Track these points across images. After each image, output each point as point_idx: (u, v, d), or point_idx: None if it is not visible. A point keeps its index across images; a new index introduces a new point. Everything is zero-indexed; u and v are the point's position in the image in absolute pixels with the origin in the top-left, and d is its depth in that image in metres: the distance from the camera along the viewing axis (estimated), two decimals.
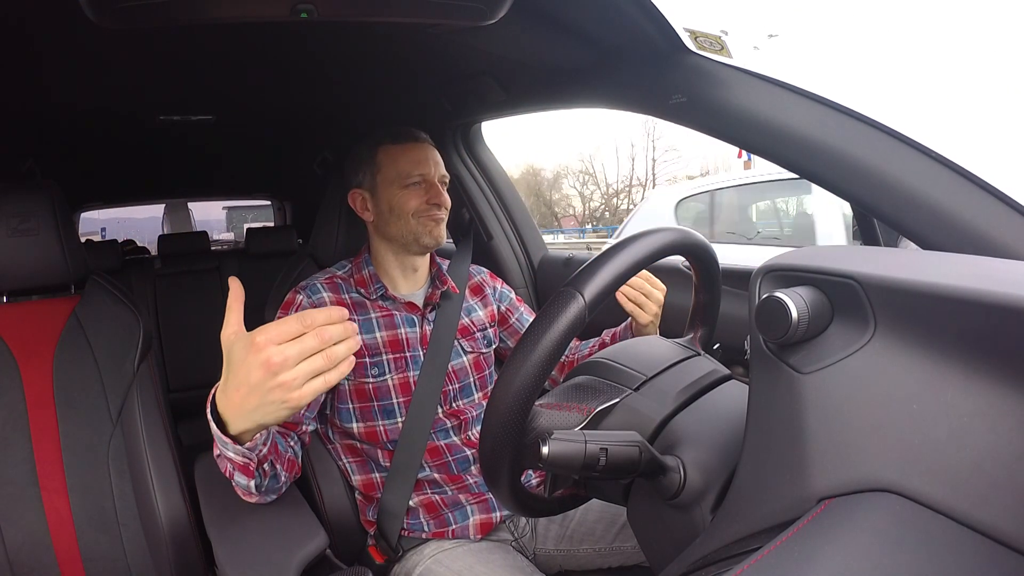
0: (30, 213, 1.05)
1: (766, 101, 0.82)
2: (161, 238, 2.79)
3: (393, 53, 1.25)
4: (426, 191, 1.07)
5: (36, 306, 1.11)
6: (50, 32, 1.02)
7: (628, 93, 1.04)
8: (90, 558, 1.02)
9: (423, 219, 1.07)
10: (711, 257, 0.70)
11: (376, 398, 1.05)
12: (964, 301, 0.40)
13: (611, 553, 1.07)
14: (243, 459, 0.75)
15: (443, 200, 1.08)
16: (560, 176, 25.25)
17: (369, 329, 1.06)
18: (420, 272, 1.14)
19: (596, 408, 0.61)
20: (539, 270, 1.71)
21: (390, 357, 1.06)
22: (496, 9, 0.81)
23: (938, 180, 0.71)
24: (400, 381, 1.06)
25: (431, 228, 1.07)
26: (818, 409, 0.45)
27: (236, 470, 0.78)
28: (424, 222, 1.07)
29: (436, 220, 1.08)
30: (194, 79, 1.41)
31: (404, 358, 1.07)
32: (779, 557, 0.40)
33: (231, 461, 0.76)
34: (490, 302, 1.22)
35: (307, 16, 0.79)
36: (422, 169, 1.08)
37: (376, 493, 1.06)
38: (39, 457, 1.03)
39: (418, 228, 1.07)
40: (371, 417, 1.05)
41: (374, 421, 1.05)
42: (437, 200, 1.07)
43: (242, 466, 0.77)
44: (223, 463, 0.78)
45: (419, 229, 1.07)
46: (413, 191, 1.07)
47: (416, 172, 1.08)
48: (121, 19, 0.74)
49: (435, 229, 1.08)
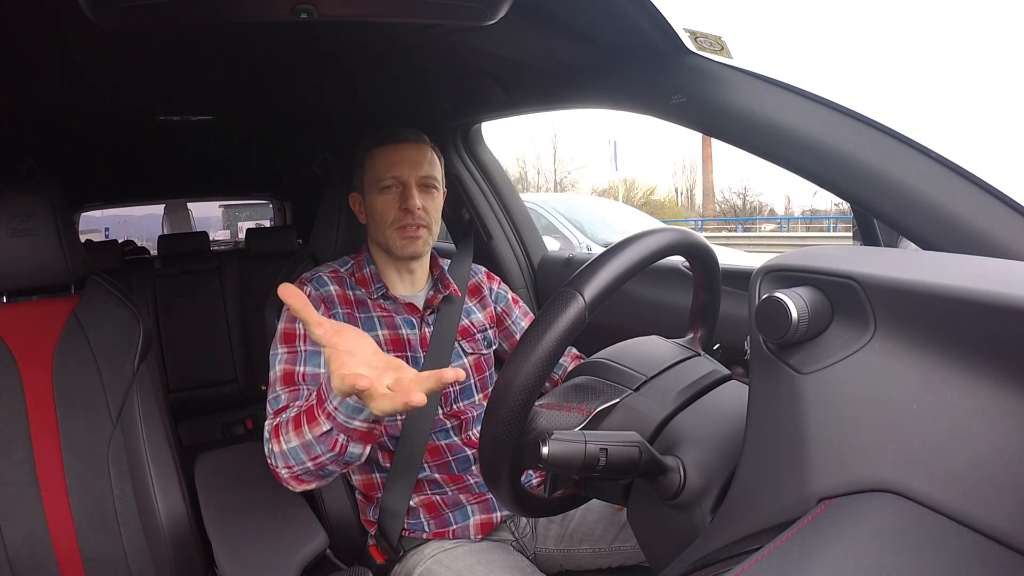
0: (30, 213, 1.05)
1: (766, 101, 0.82)
2: (161, 238, 2.79)
3: (393, 53, 1.25)
4: (400, 196, 1.04)
5: (36, 306, 1.11)
6: (50, 32, 1.02)
7: (628, 93, 1.04)
8: (90, 558, 1.02)
9: (395, 232, 1.04)
10: (711, 257, 0.70)
11: None
12: (964, 301, 0.40)
13: (611, 553, 1.07)
14: (368, 425, 0.78)
15: (412, 205, 1.02)
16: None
17: (371, 327, 1.06)
18: (417, 275, 1.12)
19: (596, 408, 0.61)
20: (539, 270, 1.71)
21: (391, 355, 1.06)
22: (496, 9, 0.81)
23: (938, 180, 0.71)
24: None
25: (404, 244, 1.04)
26: (818, 409, 0.45)
27: (353, 440, 0.79)
28: (397, 236, 1.04)
29: (408, 237, 1.04)
30: (194, 79, 1.41)
31: (405, 357, 1.06)
32: (779, 557, 0.40)
33: (353, 432, 0.78)
34: (488, 303, 1.22)
35: (307, 16, 0.79)
36: (396, 171, 1.04)
37: (376, 493, 1.06)
38: (39, 457, 1.03)
39: (392, 239, 1.05)
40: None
41: None
42: (407, 205, 1.03)
43: (364, 433, 0.79)
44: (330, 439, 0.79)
45: (393, 241, 1.05)
46: (388, 196, 1.05)
47: (389, 175, 1.04)
48: (121, 19, 0.74)
49: (408, 245, 1.04)
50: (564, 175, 26.02)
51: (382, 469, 1.06)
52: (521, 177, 25.86)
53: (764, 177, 24.79)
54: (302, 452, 0.82)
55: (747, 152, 0.86)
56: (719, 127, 0.89)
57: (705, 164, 17.88)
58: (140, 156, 2.30)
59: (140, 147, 2.15)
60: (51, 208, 1.06)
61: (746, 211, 25.41)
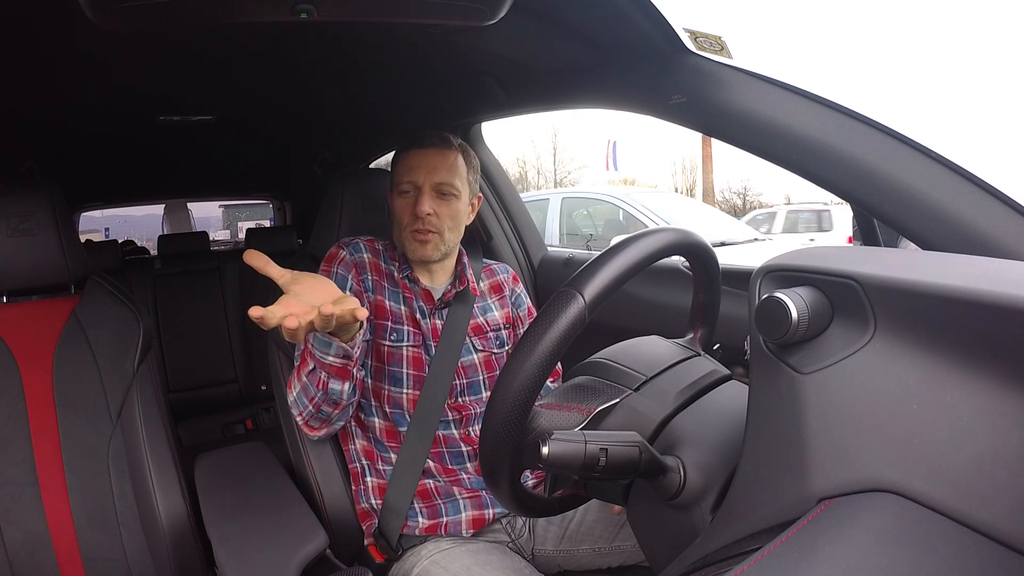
0: (30, 213, 1.05)
1: (766, 101, 0.82)
2: (161, 238, 2.79)
3: (393, 53, 1.25)
4: (414, 201, 1.07)
5: (36, 306, 1.11)
6: (50, 32, 1.02)
7: (628, 93, 1.04)
8: (90, 558, 1.02)
9: (408, 235, 1.07)
10: (711, 257, 0.69)
11: (388, 362, 1.07)
12: (964, 301, 0.40)
13: (611, 553, 1.07)
14: (341, 361, 0.88)
15: (420, 211, 1.05)
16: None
17: (396, 300, 1.10)
18: (437, 274, 1.14)
19: (596, 408, 0.61)
20: (539, 270, 1.71)
21: (410, 329, 1.09)
22: (496, 10, 0.80)
23: (938, 180, 0.71)
24: (413, 354, 1.08)
25: (414, 247, 1.08)
26: (818, 409, 0.45)
27: (332, 377, 0.90)
28: (409, 239, 1.08)
29: (420, 241, 1.07)
30: (194, 79, 1.41)
31: (421, 335, 1.09)
32: (779, 557, 0.40)
33: (329, 368, 0.89)
34: (507, 303, 1.23)
35: (307, 17, 0.79)
36: (411, 176, 1.07)
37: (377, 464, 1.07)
38: (39, 457, 1.03)
39: (405, 241, 1.09)
40: (380, 378, 1.07)
41: (381, 383, 1.07)
42: (417, 210, 1.05)
43: (340, 368, 0.89)
44: (315, 377, 0.91)
45: (406, 243, 1.09)
46: (405, 200, 1.08)
47: (406, 179, 1.08)
48: (121, 19, 0.74)
49: (418, 249, 1.07)
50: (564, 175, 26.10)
51: (387, 462, 1.06)
52: (521, 177, 25.90)
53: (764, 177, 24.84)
54: (303, 395, 0.94)
55: (747, 152, 0.86)
56: (719, 127, 0.89)
57: (705, 164, 17.87)
58: (140, 156, 2.29)
59: (140, 147, 2.15)
60: (51, 208, 1.07)
61: (746, 211, 25.43)
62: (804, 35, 25.65)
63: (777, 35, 22.28)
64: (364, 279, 1.09)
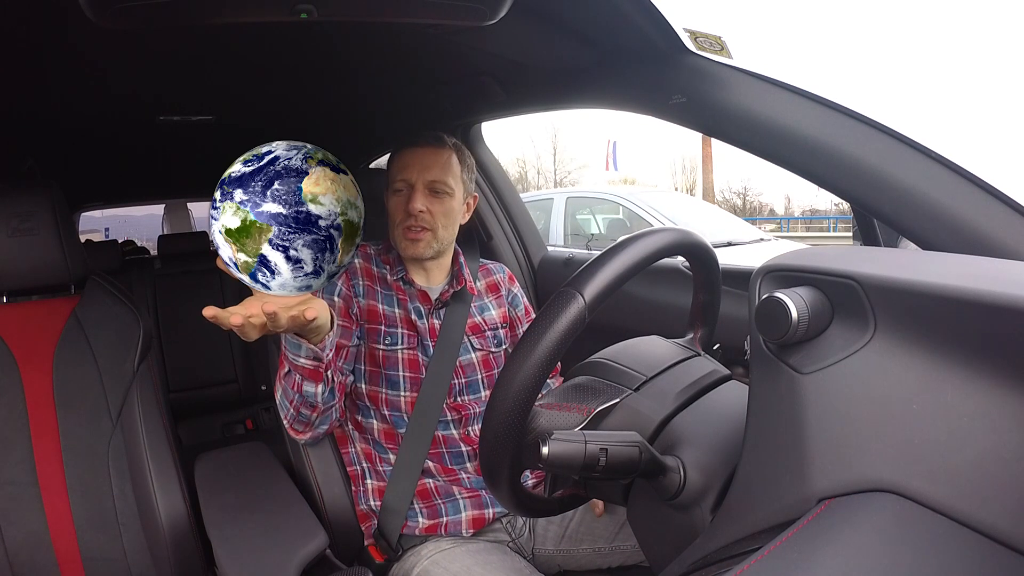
0: (30, 213, 1.05)
1: (766, 101, 0.82)
2: (161, 238, 2.79)
3: (393, 53, 1.25)
4: (406, 198, 1.08)
5: (36, 306, 1.11)
6: (50, 32, 1.02)
7: (628, 93, 1.04)
8: (90, 558, 1.02)
9: (400, 232, 1.08)
10: (711, 257, 0.69)
11: (384, 366, 1.07)
12: (964, 301, 0.40)
13: (611, 553, 1.07)
14: (312, 363, 0.87)
15: (412, 208, 1.06)
16: None
17: (390, 304, 1.10)
18: (433, 273, 1.15)
19: (596, 408, 0.61)
20: (539, 270, 1.71)
21: (404, 332, 1.09)
22: (496, 9, 0.80)
23: (938, 180, 0.71)
24: (409, 357, 1.08)
25: (406, 245, 1.08)
26: (818, 409, 0.45)
27: (305, 379, 0.89)
28: (401, 236, 1.08)
29: (411, 238, 1.07)
30: (194, 79, 1.41)
31: (416, 338, 1.09)
32: (779, 557, 0.40)
33: (302, 370, 0.88)
34: (504, 303, 1.23)
35: (307, 16, 0.79)
36: (405, 174, 1.08)
37: (377, 466, 1.07)
38: (39, 457, 1.03)
39: (398, 239, 1.09)
40: (376, 382, 1.07)
41: (378, 387, 1.07)
42: (409, 208, 1.06)
43: (311, 371, 0.88)
44: (291, 379, 0.90)
45: (399, 241, 1.09)
46: (398, 198, 1.09)
47: (399, 177, 1.09)
48: (121, 19, 0.74)
49: (410, 247, 1.08)
50: (564, 175, 26.14)
51: (386, 463, 1.06)
52: (521, 177, 25.96)
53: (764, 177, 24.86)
54: (284, 398, 0.94)
55: (747, 152, 0.86)
56: (719, 127, 0.89)
57: (705, 164, 17.89)
58: (140, 156, 2.29)
59: (140, 147, 2.15)
60: (51, 208, 1.06)
61: (746, 211, 25.45)
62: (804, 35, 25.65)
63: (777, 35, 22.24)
64: (355, 285, 1.09)
